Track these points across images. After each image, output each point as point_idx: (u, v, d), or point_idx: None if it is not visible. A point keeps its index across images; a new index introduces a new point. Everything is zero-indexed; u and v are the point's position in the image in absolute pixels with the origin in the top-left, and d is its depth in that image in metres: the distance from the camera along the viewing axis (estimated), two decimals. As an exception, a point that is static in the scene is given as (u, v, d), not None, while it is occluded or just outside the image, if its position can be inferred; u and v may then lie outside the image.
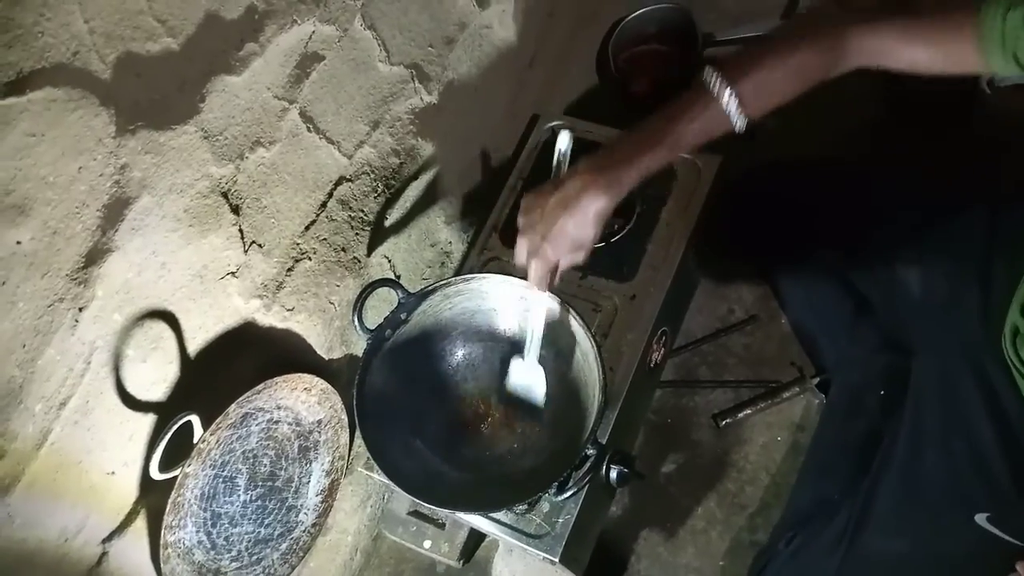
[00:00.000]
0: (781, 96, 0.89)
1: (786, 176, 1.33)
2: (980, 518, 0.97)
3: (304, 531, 1.15)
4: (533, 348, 1.09)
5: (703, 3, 1.74)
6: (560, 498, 0.98)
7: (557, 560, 1.08)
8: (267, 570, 1.10)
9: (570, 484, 0.99)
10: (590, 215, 0.92)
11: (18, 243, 0.73)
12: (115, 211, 0.81)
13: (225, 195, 0.94)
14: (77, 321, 0.80)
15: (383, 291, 1.11)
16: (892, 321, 1.26)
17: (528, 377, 1.13)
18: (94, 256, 0.80)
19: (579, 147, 1.38)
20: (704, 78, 0.89)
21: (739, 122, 0.88)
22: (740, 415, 1.37)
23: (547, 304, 1.07)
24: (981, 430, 0.98)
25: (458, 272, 1.43)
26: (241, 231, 0.97)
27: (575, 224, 0.92)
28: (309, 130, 1.04)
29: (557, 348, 1.14)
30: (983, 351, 1.02)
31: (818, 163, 1.38)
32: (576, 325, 1.08)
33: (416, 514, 1.26)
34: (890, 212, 1.21)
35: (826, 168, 1.36)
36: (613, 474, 1.11)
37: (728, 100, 0.87)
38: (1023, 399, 0.96)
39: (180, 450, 0.91)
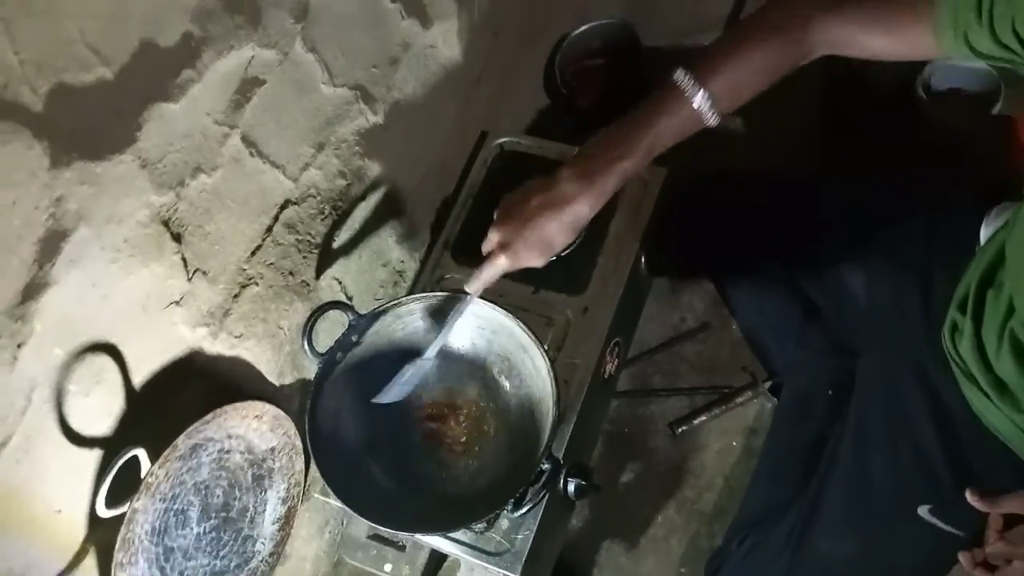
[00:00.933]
0: (752, 90, 0.91)
1: (732, 187, 1.36)
2: (923, 510, 1.00)
3: (262, 561, 1.13)
4: (439, 342, 1.08)
5: (646, 18, 1.77)
6: (517, 514, 0.98)
7: (518, 576, 1.08)
8: (225, 603, 1.08)
9: (527, 500, 0.99)
10: (573, 221, 0.93)
11: (-51, 280, 0.71)
12: (52, 244, 0.79)
13: (166, 223, 0.92)
14: (15, 358, 0.78)
15: (335, 314, 1.10)
16: (838, 325, 1.29)
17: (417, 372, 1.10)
18: (31, 291, 0.78)
19: (527, 163, 1.41)
20: (675, 78, 0.90)
21: (713, 120, 0.90)
22: (695, 422, 1.39)
23: (474, 303, 1.07)
24: (923, 428, 1.00)
25: (411, 291, 1.42)
26: (184, 259, 0.96)
27: (556, 228, 0.93)
28: (252, 155, 1.03)
29: (510, 363, 1.14)
30: (925, 352, 1.05)
31: (764, 174, 1.41)
32: (528, 340, 1.08)
33: (376, 538, 1.25)
34: (836, 220, 1.24)
35: (771, 178, 1.39)
36: (571, 487, 1.12)
37: (701, 100, 0.88)
38: (962, 395, 0.99)
39: (129, 485, 0.89)
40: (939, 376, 1.02)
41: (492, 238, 0.99)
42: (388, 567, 1.24)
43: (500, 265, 0.99)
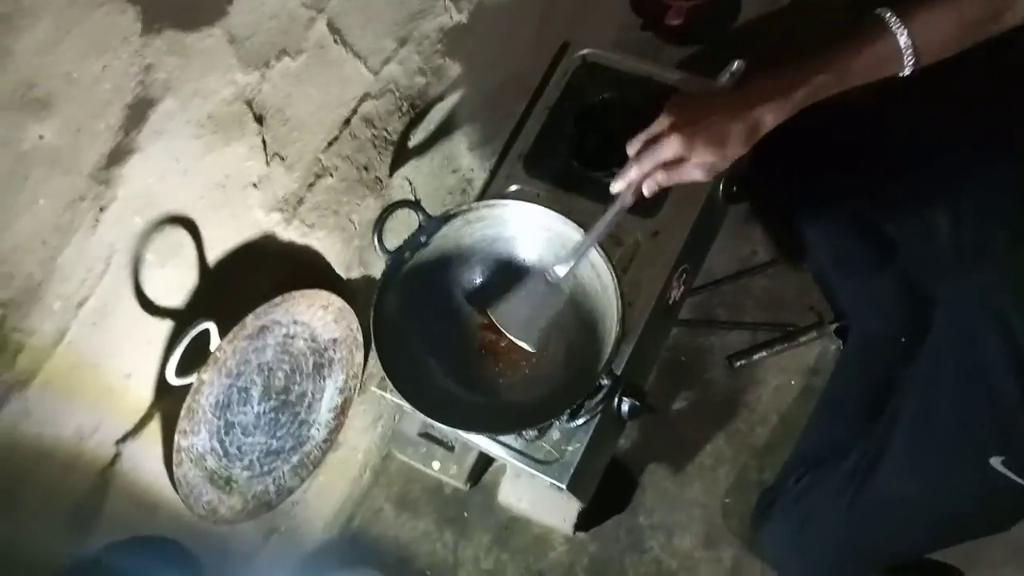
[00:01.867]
0: (953, 46, 0.87)
1: (816, 112, 1.30)
2: (995, 461, 0.97)
3: (315, 446, 1.16)
4: (573, 260, 1.00)
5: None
6: (572, 425, 0.99)
7: (564, 487, 1.09)
8: (277, 481, 1.11)
9: (582, 412, 0.99)
10: (753, 127, 0.89)
11: (41, 137, 0.72)
12: (139, 112, 0.80)
13: (249, 103, 0.92)
14: (98, 221, 0.80)
15: (403, 213, 1.10)
16: (917, 267, 1.24)
17: (543, 297, 1.04)
18: (116, 156, 0.79)
19: (608, 77, 1.36)
20: (878, 14, 0.86)
21: (909, 67, 0.87)
22: (755, 357, 1.37)
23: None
24: (1003, 379, 0.97)
25: (479, 199, 1.41)
26: (264, 142, 0.96)
27: (735, 129, 0.88)
28: (336, 42, 1.01)
29: (576, 279, 1.13)
30: (1008, 300, 1.00)
31: (849, 102, 1.35)
32: (597, 256, 1.07)
33: (426, 436, 1.27)
34: (923, 153, 1.18)
35: (856, 106, 1.32)
36: (625, 406, 1.12)
37: (903, 41, 0.85)
38: None
39: (196, 357, 0.91)
40: (1021, 324, 0.98)
41: (662, 121, 0.92)
42: (436, 465, 1.26)
43: (670, 148, 0.90)
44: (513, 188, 1.31)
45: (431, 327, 1.14)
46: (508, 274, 1.18)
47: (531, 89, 1.47)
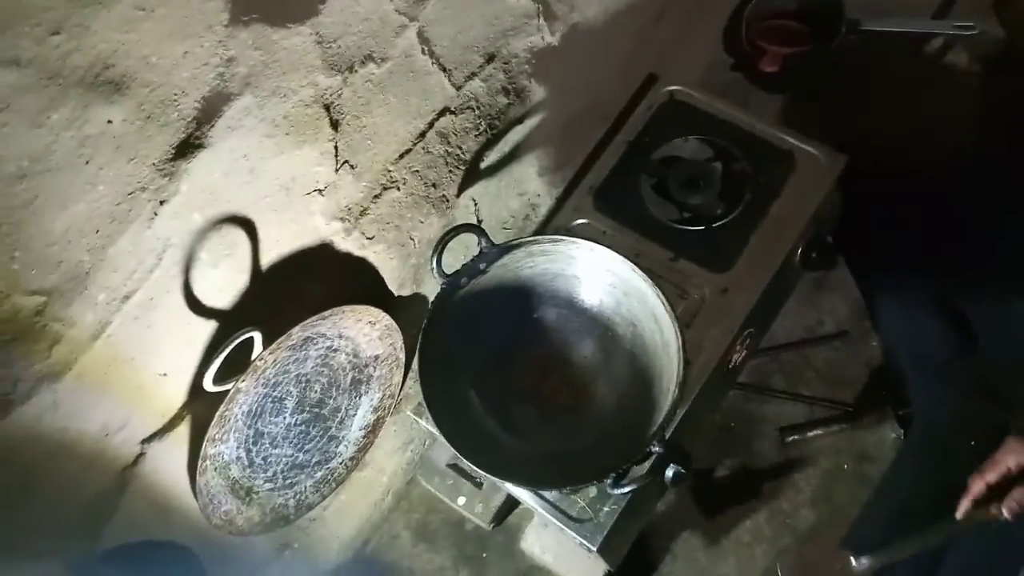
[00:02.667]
0: None
1: (908, 188, 1.23)
2: None
3: (341, 463, 1.12)
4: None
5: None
6: (615, 492, 0.92)
7: (595, 549, 1.03)
8: (298, 496, 1.07)
9: (628, 479, 0.93)
10: None
11: (109, 122, 0.68)
12: (214, 105, 0.75)
13: (327, 107, 0.87)
14: (156, 214, 0.76)
15: (465, 235, 1.05)
16: (997, 365, 1.17)
17: None
18: (184, 149, 0.75)
19: (694, 117, 1.30)
20: None
21: None
22: (809, 434, 1.30)
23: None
24: None
25: (541, 228, 1.36)
26: (336, 148, 0.91)
27: None
28: (423, 52, 0.97)
29: (636, 330, 1.07)
30: None
31: (942, 179, 1.27)
32: (662, 310, 1.01)
33: (455, 468, 1.22)
34: (1010, 241, 1.11)
35: (949, 184, 1.25)
36: (669, 472, 1.05)
37: None
38: None
39: (234, 363, 0.87)
40: None
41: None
42: (461, 500, 1.21)
43: None
44: (579, 222, 1.26)
45: (478, 359, 1.09)
46: (565, 315, 1.13)
47: (611, 118, 1.41)
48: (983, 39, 1.54)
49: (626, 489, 0.92)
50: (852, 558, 0.99)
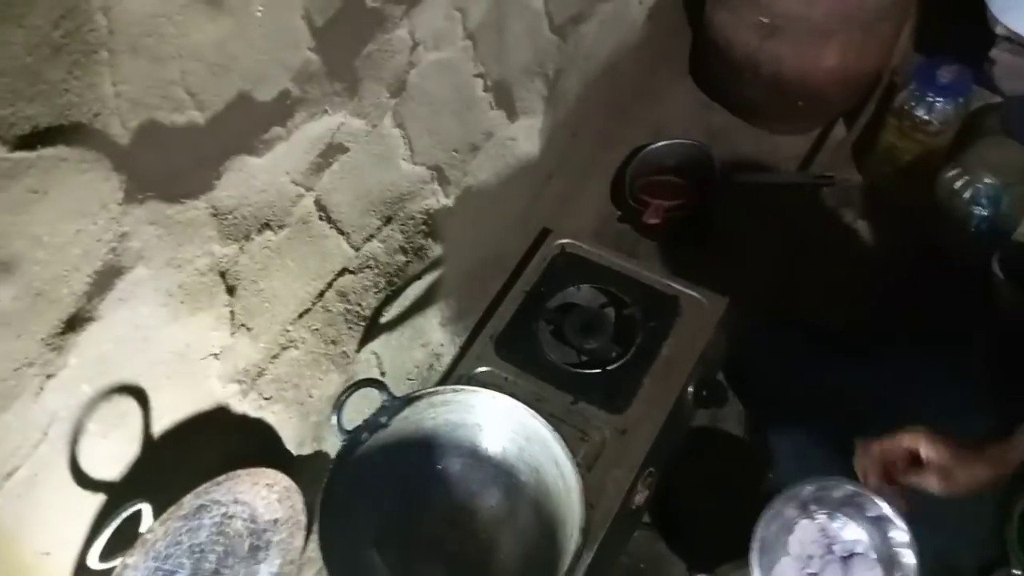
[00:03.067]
0: None
1: (796, 336, 1.31)
2: None
3: (241, 637, 1.06)
4: None
5: (723, 146, 1.76)
6: (522, 647, 0.91)
7: None
8: (196, 675, 1.00)
9: (535, 632, 0.92)
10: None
11: (-4, 301, 0.69)
12: (106, 279, 0.77)
13: (223, 274, 0.90)
14: (42, 389, 0.75)
15: (366, 389, 1.06)
16: None
17: None
18: (74, 323, 0.76)
19: (585, 268, 1.38)
20: None
21: None
22: (718, 570, 1.30)
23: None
24: None
25: (445, 377, 1.38)
26: (232, 313, 0.93)
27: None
28: (321, 218, 1.01)
29: (539, 476, 1.09)
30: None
31: (832, 331, 1.36)
32: (563, 456, 1.03)
33: (363, 633, 1.17)
34: (893, 398, 1.18)
35: (840, 334, 1.34)
36: (578, 622, 1.04)
37: None
38: None
39: (123, 536, 0.84)
40: None
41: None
42: (370, 668, 1.15)
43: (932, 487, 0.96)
44: (482, 369, 1.29)
45: (380, 516, 1.07)
46: (468, 464, 1.13)
47: (509, 270, 1.48)
48: (846, 186, 1.70)
49: (532, 643, 0.91)
50: None
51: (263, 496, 1.02)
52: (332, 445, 1.13)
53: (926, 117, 1.52)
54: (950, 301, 1.43)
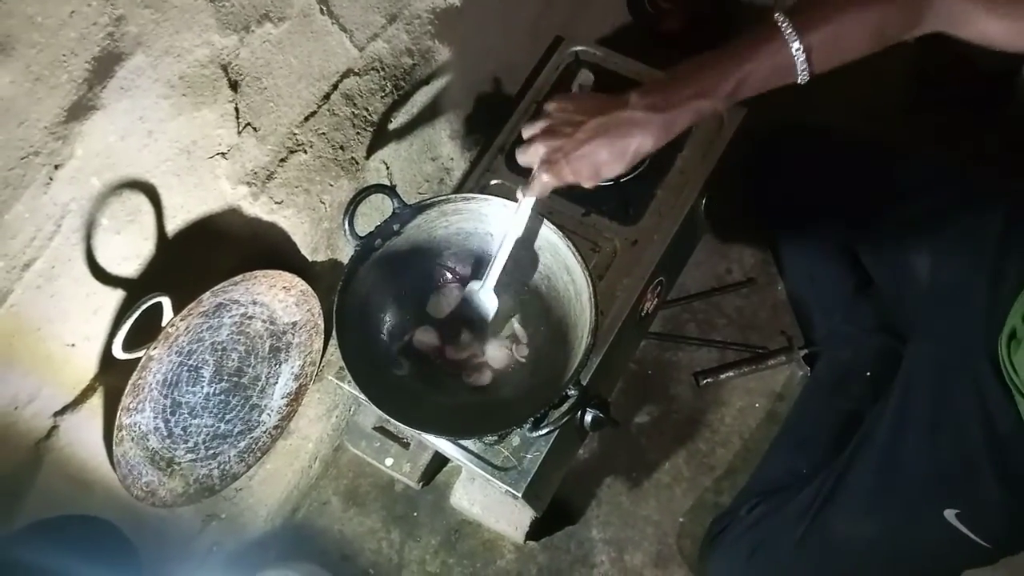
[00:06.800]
0: (852, 53, 0.82)
1: (809, 142, 1.29)
2: (949, 514, 0.96)
3: (265, 432, 1.12)
4: (492, 274, 1.03)
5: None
6: (534, 435, 0.95)
7: (520, 495, 1.06)
8: (222, 466, 1.06)
9: (546, 422, 0.96)
10: (630, 152, 0.86)
11: (-6, 83, 0.66)
12: (105, 66, 0.74)
13: (225, 68, 0.87)
14: (51, 179, 0.74)
15: (377, 198, 1.06)
16: (892, 304, 1.23)
17: (480, 306, 1.07)
18: (77, 111, 0.74)
19: (600, 77, 1.33)
20: (775, 23, 0.82)
21: (803, 76, 0.82)
22: (721, 376, 1.35)
23: (521, 227, 1.01)
24: (970, 427, 0.96)
25: (457, 190, 1.37)
26: (237, 110, 0.91)
27: (611, 155, 0.87)
28: (322, 12, 0.97)
29: (550, 282, 1.10)
30: (981, 349, 0.99)
31: (843, 134, 1.33)
32: (574, 262, 1.03)
33: (381, 430, 1.23)
34: (909, 194, 1.17)
35: (849, 139, 1.31)
36: (588, 418, 1.09)
37: (797, 51, 0.80)
38: (1010, 402, 0.94)
39: (146, 332, 0.86)
40: (991, 380, 0.97)
41: (531, 153, 0.92)
42: (389, 461, 1.22)
43: (543, 185, 0.92)
44: (493, 183, 1.28)
45: (396, 319, 1.10)
46: (479, 272, 1.14)
47: (521, 82, 1.43)
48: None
49: (544, 431, 0.95)
50: None
51: (280, 299, 1.04)
52: (346, 255, 1.14)
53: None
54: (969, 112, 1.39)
